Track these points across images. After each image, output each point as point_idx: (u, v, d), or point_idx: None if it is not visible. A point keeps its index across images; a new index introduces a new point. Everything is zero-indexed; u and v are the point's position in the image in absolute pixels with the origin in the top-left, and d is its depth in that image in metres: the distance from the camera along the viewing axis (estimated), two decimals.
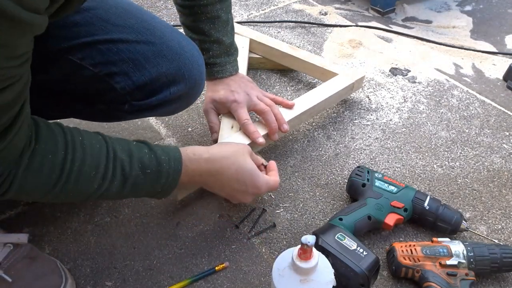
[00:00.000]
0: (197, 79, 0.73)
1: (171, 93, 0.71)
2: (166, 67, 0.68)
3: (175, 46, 0.70)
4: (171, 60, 0.69)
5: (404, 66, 1.25)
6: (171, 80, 0.70)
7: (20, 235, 0.65)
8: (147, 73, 0.68)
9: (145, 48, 0.67)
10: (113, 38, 0.66)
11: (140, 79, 0.68)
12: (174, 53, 0.69)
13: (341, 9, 1.55)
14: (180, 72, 0.70)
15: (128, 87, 0.68)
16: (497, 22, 1.51)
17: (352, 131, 1.01)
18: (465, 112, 1.08)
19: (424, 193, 0.79)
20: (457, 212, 0.77)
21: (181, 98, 0.74)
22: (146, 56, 0.67)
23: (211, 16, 0.81)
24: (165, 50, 0.68)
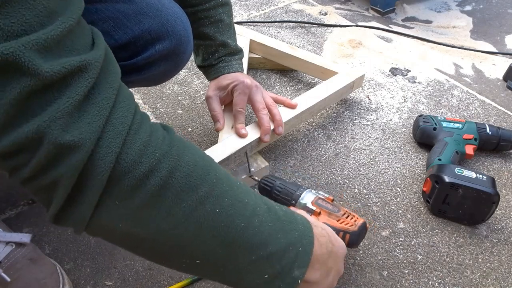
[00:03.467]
0: (182, 34, 0.71)
1: (156, 50, 0.68)
2: (149, 23, 0.66)
3: (155, 4, 0.68)
4: (152, 17, 0.67)
5: (404, 66, 1.25)
6: (155, 37, 0.67)
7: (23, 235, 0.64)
8: (129, 31, 0.65)
9: (124, 6, 0.65)
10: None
11: (123, 37, 0.66)
12: (155, 9, 0.67)
13: (341, 9, 1.55)
14: (164, 28, 0.68)
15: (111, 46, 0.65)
16: (497, 22, 1.51)
17: (352, 131, 1.01)
18: (465, 112, 1.08)
19: (482, 123, 0.94)
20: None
21: (168, 57, 0.71)
22: (126, 14, 0.65)
23: (215, 20, 0.82)
24: (145, 8, 0.66)
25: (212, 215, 0.41)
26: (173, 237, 0.40)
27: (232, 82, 0.84)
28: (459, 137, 0.90)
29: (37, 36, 0.31)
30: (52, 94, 0.33)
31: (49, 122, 0.32)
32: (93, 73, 0.35)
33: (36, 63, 0.31)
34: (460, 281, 0.72)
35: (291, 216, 0.49)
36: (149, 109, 1.06)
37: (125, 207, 0.38)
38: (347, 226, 0.66)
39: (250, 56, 1.15)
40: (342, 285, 0.70)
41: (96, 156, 0.35)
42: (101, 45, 0.38)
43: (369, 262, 0.74)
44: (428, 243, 0.77)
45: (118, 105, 0.37)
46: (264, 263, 0.44)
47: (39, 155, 0.33)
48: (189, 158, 0.41)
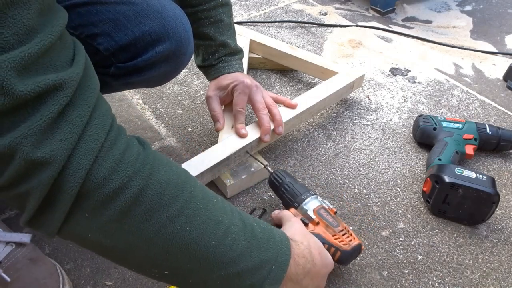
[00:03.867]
0: (182, 36, 0.71)
1: (157, 52, 0.68)
2: (149, 25, 0.66)
3: (156, 5, 0.68)
4: (153, 19, 0.67)
5: (404, 66, 1.25)
6: (156, 38, 0.68)
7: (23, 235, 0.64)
8: (130, 32, 0.66)
9: (125, 8, 0.66)
10: (90, 0, 0.65)
11: (123, 39, 0.66)
12: (156, 11, 0.67)
13: (341, 9, 1.55)
14: (164, 29, 0.68)
15: (112, 48, 0.66)
16: (497, 22, 1.51)
17: (352, 131, 1.01)
18: (465, 112, 1.08)
19: (482, 123, 0.94)
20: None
21: (169, 58, 0.71)
22: (127, 15, 0.66)
23: (215, 20, 0.82)
24: (146, 9, 0.67)
25: (182, 233, 0.42)
26: (142, 250, 0.42)
27: (232, 82, 0.84)
28: (459, 137, 0.90)
29: (14, 54, 0.32)
30: (26, 112, 0.33)
31: (21, 138, 0.33)
32: (69, 91, 0.35)
33: (11, 83, 0.31)
34: (460, 281, 0.72)
35: (269, 234, 0.50)
36: (149, 109, 1.06)
37: (94, 220, 0.39)
38: (341, 243, 0.66)
39: (250, 56, 1.15)
40: (342, 285, 0.70)
41: (67, 171, 0.36)
42: (80, 61, 0.38)
43: (369, 262, 0.74)
44: (428, 243, 0.77)
45: (92, 122, 0.37)
46: (234, 279, 0.45)
47: (11, 169, 0.34)
48: (162, 176, 0.41)
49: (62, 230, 0.39)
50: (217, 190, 0.85)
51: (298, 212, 0.71)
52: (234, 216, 0.47)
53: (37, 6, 0.34)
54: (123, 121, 1.02)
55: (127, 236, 0.40)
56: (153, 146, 0.96)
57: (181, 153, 0.94)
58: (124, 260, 0.44)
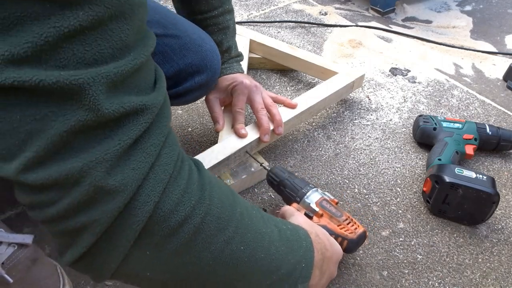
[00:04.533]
0: (216, 68, 0.80)
1: (195, 82, 0.77)
2: (191, 58, 0.75)
3: (196, 39, 0.76)
4: (195, 52, 0.75)
5: (404, 66, 1.25)
6: (196, 70, 0.76)
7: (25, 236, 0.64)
8: (175, 64, 0.75)
9: (172, 41, 0.74)
10: None
11: (170, 70, 0.74)
12: (197, 45, 0.76)
13: (341, 9, 1.55)
14: (203, 62, 0.77)
15: None
16: (497, 22, 1.51)
17: (352, 131, 1.01)
18: (465, 112, 1.08)
19: (482, 123, 0.94)
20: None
21: (203, 86, 0.80)
22: (173, 48, 0.74)
23: (223, 27, 0.84)
24: (189, 43, 0.75)
25: (238, 253, 0.41)
26: (201, 277, 0.40)
27: (232, 83, 0.84)
28: (459, 137, 0.90)
29: (107, 69, 0.30)
30: (104, 133, 0.31)
31: (95, 163, 0.30)
32: (149, 117, 0.33)
33: (99, 99, 0.29)
34: (460, 281, 0.72)
35: (296, 234, 0.51)
36: None
37: (156, 256, 0.36)
38: (347, 232, 0.67)
39: (250, 56, 1.15)
40: (342, 285, 0.70)
41: (135, 204, 0.32)
42: (163, 88, 0.37)
43: (369, 262, 0.74)
44: (428, 243, 0.77)
45: (163, 151, 0.35)
46: (277, 285, 0.46)
47: (75, 195, 0.30)
48: (217, 200, 0.40)
49: (117, 272, 0.35)
50: None
51: (300, 206, 0.71)
52: (270, 223, 0.48)
53: (136, 23, 0.32)
54: None
55: (188, 267, 0.38)
56: None
57: None
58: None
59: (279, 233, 0.47)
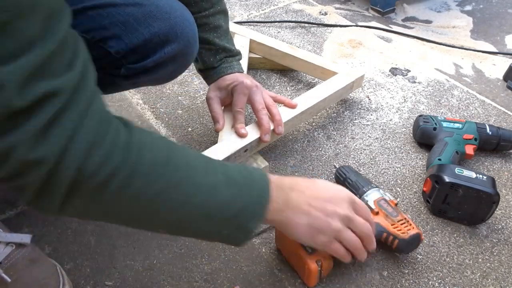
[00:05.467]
0: (190, 36, 0.73)
1: (165, 52, 0.70)
2: (158, 27, 0.68)
3: (164, 6, 0.70)
4: (162, 20, 0.69)
5: (404, 66, 1.25)
6: (164, 39, 0.69)
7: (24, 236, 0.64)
8: (140, 34, 0.68)
9: (135, 10, 0.67)
10: (101, 3, 0.66)
11: (133, 41, 0.68)
12: (164, 12, 0.69)
13: (341, 9, 1.55)
14: (173, 31, 0.70)
15: (122, 50, 0.68)
16: (497, 22, 1.51)
17: (352, 131, 1.01)
18: (465, 112, 1.08)
19: (482, 123, 0.94)
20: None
21: (176, 58, 0.73)
22: (136, 17, 0.67)
23: (214, 26, 0.83)
24: (154, 11, 0.68)
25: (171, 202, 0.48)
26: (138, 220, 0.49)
27: (232, 83, 0.84)
28: (459, 137, 0.90)
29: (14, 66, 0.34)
30: (21, 118, 0.36)
31: (16, 142, 0.36)
32: (63, 97, 0.38)
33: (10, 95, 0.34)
34: (460, 281, 0.72)
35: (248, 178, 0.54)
36: (149, 109, 1.06)
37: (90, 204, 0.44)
38: (399, 232, 0.70)
39: (250, 56, 1.15)
40: (342, 285, 0.71)
41: (60, 168, 0.39)
42: (78, 65, 0.40)
43: (369, 262, 0.74)
44: (428, 243, 0.77)
45: (84, 122, 0.40)
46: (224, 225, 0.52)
47: (6, 168, 0.38)
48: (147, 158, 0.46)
49: (61, 212, 0.44)
50: None
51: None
52: (217, 172, 0.52)
53: (40, 15, 0.35)
54: None
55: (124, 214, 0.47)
56: None
57: None
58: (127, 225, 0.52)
59: (226, 180, 0.51)
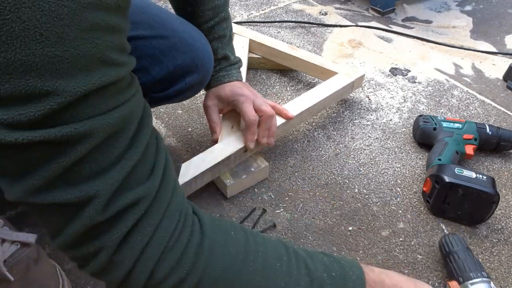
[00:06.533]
0: (208, 67, 0.78)
1: (186, 83, 0.75)
2: (181, 59, 0.72)
3: (186, 38, 0.73)
4: (185, 52, 0.73)
5: (404, 66, 1.25)
6: (186, 71, 0.74)
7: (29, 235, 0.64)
8: (165, 67, 0.72)
9: (160, 42, 0.71)
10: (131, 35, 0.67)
11: (159, 74, 0.72)
12: (187, 45, 0.73)
13: (341, 9, 1.55)
14: (194, 63, 0.74)
15: (149, 82, 0.72)
16: (497, 22, 1.51)
17: (352, 131, 1.01)
18: (465, 112, 1.08)
19: (482, 123, 0.94)
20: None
21: (194, 86, 0.78)
22: (162, 50, 0.71)
23: (218, 36, 0.83)
24: (178, 43, 0.72)
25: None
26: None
27: (232, 94, 0.83)
28: (459, 137, 0.90)
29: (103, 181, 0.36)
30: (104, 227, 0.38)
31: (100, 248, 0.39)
32: (144, 205, 0.39)
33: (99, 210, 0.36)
34: None
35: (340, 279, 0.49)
36: None
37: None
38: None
39: (250, 56, 1.15)
40: None
41: (134, 272, 0.40)
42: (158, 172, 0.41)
43: (369, 262, 0.74)
44: (428, 243, 0.77)
45: (162, 224, 0.41)
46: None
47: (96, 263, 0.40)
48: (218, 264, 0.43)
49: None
50: (217, 190, 0.85)
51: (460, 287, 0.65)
52: (300, 274, 0.47)
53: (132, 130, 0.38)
54: None
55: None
56: None
57: (181, 153, 0.94)
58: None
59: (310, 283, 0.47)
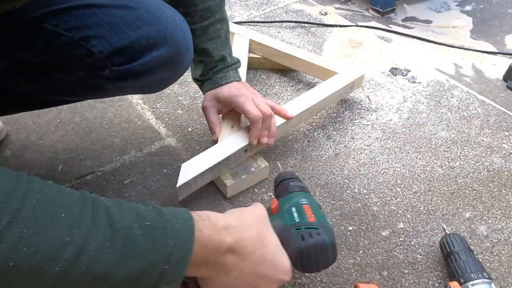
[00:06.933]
0: (181, 41, 0.70)
1: (153, 57, 0.67)
2: (146, 30, 0.65)
3: (155, 10, 0.67)
4: (151, 23, 0.66)
5: (404, 66, 1.25)
6: (152, 43, 0.66)
7: None
8: (126, 36, 0.65)
9: (123, 12, 0.65)
10: (88, 3, 0.64)
11: (118, 42, 0.65)
12: (154, 16, 0.67)
13: (341, 9, 1.55)
14: (162, 34, 0.67)
15: (106, 50, 0.65)
16: (497, 22, 1.51)
17: (352, 131, 1.01)
18: (465, 112, 1.08)
19: None
20: None
21: (166, 64, 0.70)
22: (124, 19, 0.65)
23: (213, 37, 0.82)
24: (144, 14, 0.66)
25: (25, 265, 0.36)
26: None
27: (230, 95, 0.83)
28: None
29: None
30: None
31: None
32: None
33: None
34: None
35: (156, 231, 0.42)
36: (149, 109, 1.06)
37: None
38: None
39: (250, 56, 1.15)
40: (342, 285, 0.71)
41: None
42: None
43: (369, 262, 0.74)
44: (428, 243, 0.77)
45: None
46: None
47: None
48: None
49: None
50: (217, 190, 0.85)
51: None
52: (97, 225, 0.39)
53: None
54: (123, 121, 1.02)
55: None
56: (153, 146, 0.96)
57: (181, 153, 0.94)
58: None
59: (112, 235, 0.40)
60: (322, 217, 0.57)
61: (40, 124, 1.01)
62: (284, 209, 0.59)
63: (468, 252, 0.69)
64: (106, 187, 0.86)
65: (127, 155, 0.93)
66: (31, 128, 1.00)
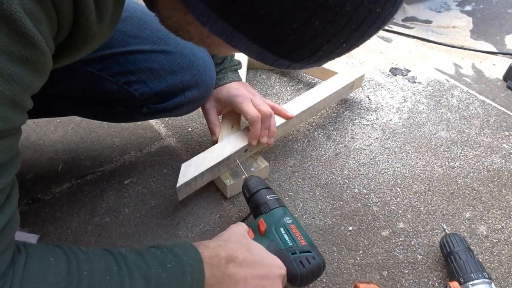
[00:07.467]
0: (209, 83, 0.79)
1: (185, 97, 0.76)
2: (181, 74, 0.73)
3: (188, 54, 0.74)
4: (185, 68, 0.74)
5: (404, 66, 1.25)
6: (186, 86, 0.75)
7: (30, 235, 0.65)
8: (164, 80, 0.73)
9: (161, 57, 0.72)
10: (130, 49, 0.71)
11: (157, 86, 0.73)
12: (188, 60, 0.74)
13: None
14: (194, 78, 0.75)
15: (146, 94, 0.73)
16: (497, 22, 1.51)
17: (352, 131, 1.01)
18: (465, 112, 1.08)
19: None
20: None
21: (195, 101, 0.79)
22: (162, 64, 0.72)
23: None
24: (179, 59, 0.73)
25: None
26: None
27: (229, 95, 0.83)
28: None
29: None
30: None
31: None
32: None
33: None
34: None
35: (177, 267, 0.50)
36: None
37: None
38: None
39: None
40: (342, 285, 0.71)
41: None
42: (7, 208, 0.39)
43: (369, 262, 0.74)
44: (428, 243, 0.77)
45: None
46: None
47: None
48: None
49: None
50: (217, 190, 0.85)
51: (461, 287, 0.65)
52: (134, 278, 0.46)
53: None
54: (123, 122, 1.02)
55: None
56: (153, 146, 0.96)
57: (181, 153, 0.94)
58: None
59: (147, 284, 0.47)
60: (307, 236, 0.63)
61: (40, 124, 1.01)
62: (272, 230, 0.64)
63: (468, 252, 0.69)
64: (106, 187, 0.86)
65: (127, 155, 0.93)
66: (31, 128, 1.00)
